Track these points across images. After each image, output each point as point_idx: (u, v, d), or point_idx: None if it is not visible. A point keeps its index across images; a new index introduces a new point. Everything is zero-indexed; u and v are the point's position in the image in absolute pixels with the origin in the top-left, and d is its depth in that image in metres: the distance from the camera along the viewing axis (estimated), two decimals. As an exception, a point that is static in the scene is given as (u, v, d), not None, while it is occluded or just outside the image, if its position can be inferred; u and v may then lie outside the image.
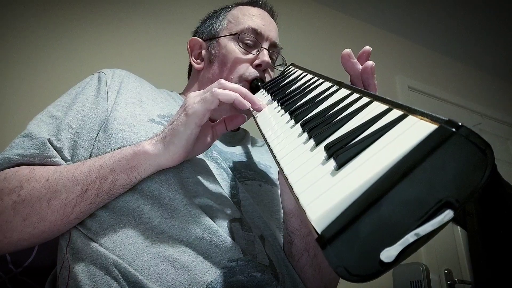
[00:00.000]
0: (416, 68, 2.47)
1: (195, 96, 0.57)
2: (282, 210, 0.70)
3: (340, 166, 0.29)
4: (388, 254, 0.21)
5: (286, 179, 0.35)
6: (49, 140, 0.59)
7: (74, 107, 0.64)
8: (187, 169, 0.60)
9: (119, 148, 0.58)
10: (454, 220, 0.24)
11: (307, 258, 0.61)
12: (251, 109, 0.64)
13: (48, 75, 1.40)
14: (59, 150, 0.59)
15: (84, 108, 0.64)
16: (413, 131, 0.26)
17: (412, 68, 2.45)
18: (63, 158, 0.59)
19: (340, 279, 0.69)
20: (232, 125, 0.64)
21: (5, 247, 0.53)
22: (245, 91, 0.58)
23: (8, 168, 0.56)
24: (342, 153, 0.29)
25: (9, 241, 0.52)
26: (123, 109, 0.65)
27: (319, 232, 0.24)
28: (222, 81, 0.58)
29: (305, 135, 0.41)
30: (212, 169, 0.64)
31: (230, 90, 0.56)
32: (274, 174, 0.77)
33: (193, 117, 0.54)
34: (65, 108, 0.64)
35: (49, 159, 0.57)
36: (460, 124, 0.23)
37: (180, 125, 0.54)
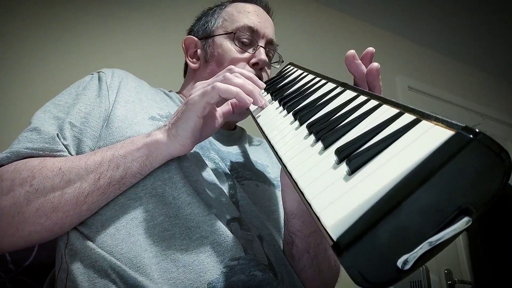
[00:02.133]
0: (416, 68, 2.47)
1: (199, 87, 0.57)
2: (279, 210, 0.70)
3: (353, 171, 0.29)
4: (406, 261, 0.21)
5: (294, 183, 0.34)
6: (57, 136, 0.58)
7: (77, 106, 0.64)
8: (187, 168, 0.60)
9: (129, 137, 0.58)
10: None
11: (308, 259, 0.61)
12: (250, 108, 0.63)
13: (45, 74, 1.39)
14: (66, 147, 0.58)
15: (87, 106, 0.64)
16: (428, 136, 0.26)
17: (412, 68, 2.45)
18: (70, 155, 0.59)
19: (339, 279, 0.69)
20: (238, 108, 0.64)
21: (15, 242, 0.52)
22: (251, 88, 0.57)
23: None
24: (355, 157, 0.29)
25: (20, 235, 0.51)
26: (123, 107, 0.65)
27: (335, 238, 0.23)
28: (231, 71, 0.58)
29: (312, 137, 0.40)
30: (210, 169, 0.64)
31: (234, 85, 0.55)
32: (271, 173, 0.77)
33: (193, 110, 0.54)
34: (66, 108, 0.64)
35: (58, 153, 0.57)
36: (477, 130, 0.23)
37: (183, 117, 0.55)
